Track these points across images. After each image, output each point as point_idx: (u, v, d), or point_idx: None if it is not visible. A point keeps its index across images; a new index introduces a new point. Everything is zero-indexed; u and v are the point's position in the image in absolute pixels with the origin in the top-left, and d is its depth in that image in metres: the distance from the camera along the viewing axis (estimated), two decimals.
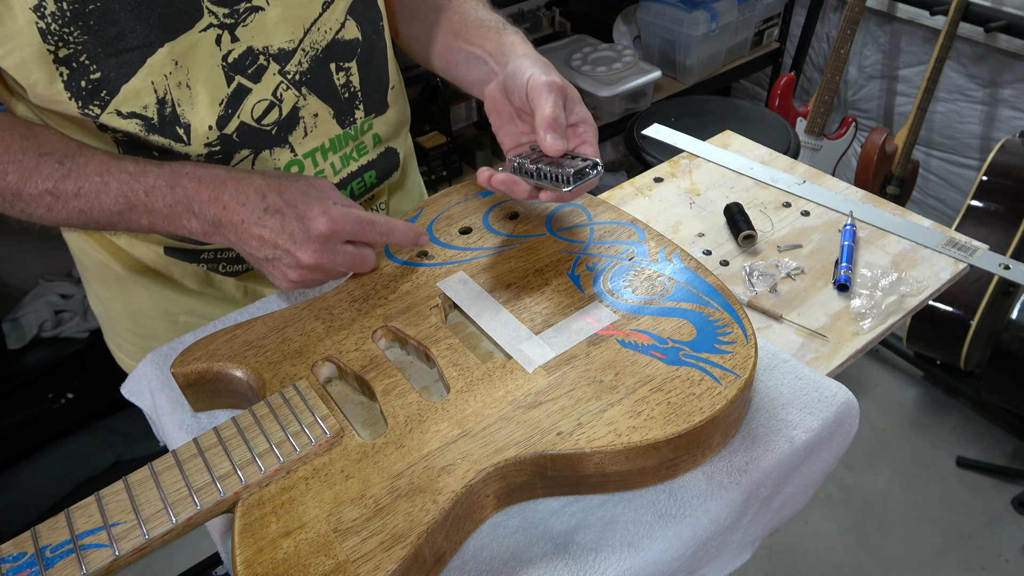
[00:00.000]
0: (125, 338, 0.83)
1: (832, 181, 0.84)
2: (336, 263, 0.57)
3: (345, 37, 0.67)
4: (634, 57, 1.89)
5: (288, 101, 0.65)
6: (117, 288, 0.78)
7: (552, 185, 0.58)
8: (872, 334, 0.65)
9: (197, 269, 0.75)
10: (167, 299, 0.77)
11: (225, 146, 0.64)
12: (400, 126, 0.79)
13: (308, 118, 0.67)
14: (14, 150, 0.56)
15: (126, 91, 0.57)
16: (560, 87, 0.59)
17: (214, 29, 0.59)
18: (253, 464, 0.48)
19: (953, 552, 1.53)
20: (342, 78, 0.68)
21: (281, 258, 0.56)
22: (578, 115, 0.61)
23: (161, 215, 0.57)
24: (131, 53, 0.56)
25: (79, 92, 0.56)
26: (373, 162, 0.75)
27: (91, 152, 0.58)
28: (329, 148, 0.70)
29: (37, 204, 0.57)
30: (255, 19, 0.61)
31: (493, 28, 0.69)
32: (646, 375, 0.52)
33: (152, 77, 0.58)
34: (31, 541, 0.43)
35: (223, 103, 0.62)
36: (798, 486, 0.57)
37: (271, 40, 0.62)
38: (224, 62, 0.61)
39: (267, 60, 0.63)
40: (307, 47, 0.64)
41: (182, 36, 0.58)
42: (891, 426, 1.79)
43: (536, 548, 0.48)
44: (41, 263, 1.70)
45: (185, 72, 0.59)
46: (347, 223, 0.56)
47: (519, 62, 0.61)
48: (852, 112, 2.14)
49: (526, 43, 0.67)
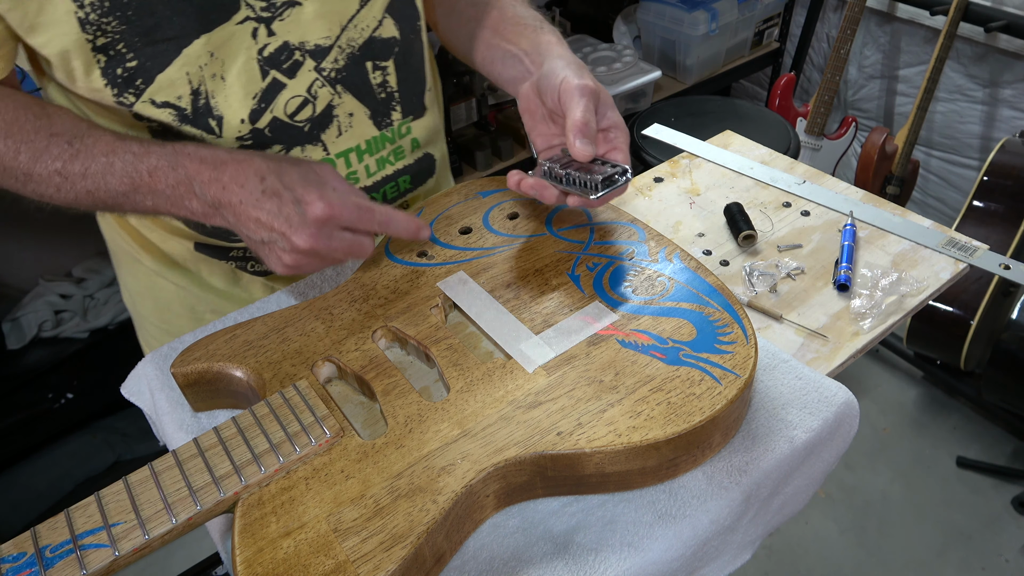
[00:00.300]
0: (152, 333, 0.83)
1: (832, 181, 0.84)
2: (332, 248, 0.55)
3: (382, 35, 0.66)
4: (634, 57, 1.89)
5: (323, 98, 0.65)
6: (146, 282, 0.79)
7: (580, 191, 0.57)
8: (872, 334, 0.65)
9: (226, 267, 0.75)
10: (194, 296, 0.78)
11: (257, 140, 0.64)
12: (437, 130, 0.78)
13: (343, 117, 0.67)
14: (27, 130, 0.57)
15: (161, 81, 0.58)
16: (593, 91, 0.58)
17: (251, 22, 0.59)
18: (253, 464, 0.48)
19: (953, 552, 1.53)
20: (378, 77, 0.68)
21: (276, 241, 0.55)
22: (610, 120, 0.60)
23: (164, 196, 0.57)
24: (167, 43, 0.57)
25: (115, 80, 0.57)
26: (409, 167, 0.74)
27: (99, 132, 0.58)
28: (365, 150, 0.70)
29: (47, 184, 0.58)
30: (292, 14, 0.61)
31: (530, 26, 0.68)
32: (646, 375, 0.52)
33: (187, 68, 0.58)
34: (31, 541, 0.43)
35: (256, 97, 0.62)
36: (798, 486, 0.57)
37: (307, 36, 0.62)
38: (259, 56, 0.61)
39: (303, 56, 0.63)
40: (343, 44, 0.64)
41: (218, 28, 0.58)
42: (891, 426, 1.79)
43: (536, 548, 0.48)
44: (41, 263, 1.70)
45: (220, 64, 0.59)
46: (345, 209, 0.55)
47: (554, 63, 0.61)
48: (852, 112, 2.14)
49: (562, 43, 0.66)
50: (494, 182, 0.72)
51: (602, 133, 0.60)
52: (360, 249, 0.58)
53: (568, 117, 0.57)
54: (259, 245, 0.57)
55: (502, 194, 0.71)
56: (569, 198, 0.59)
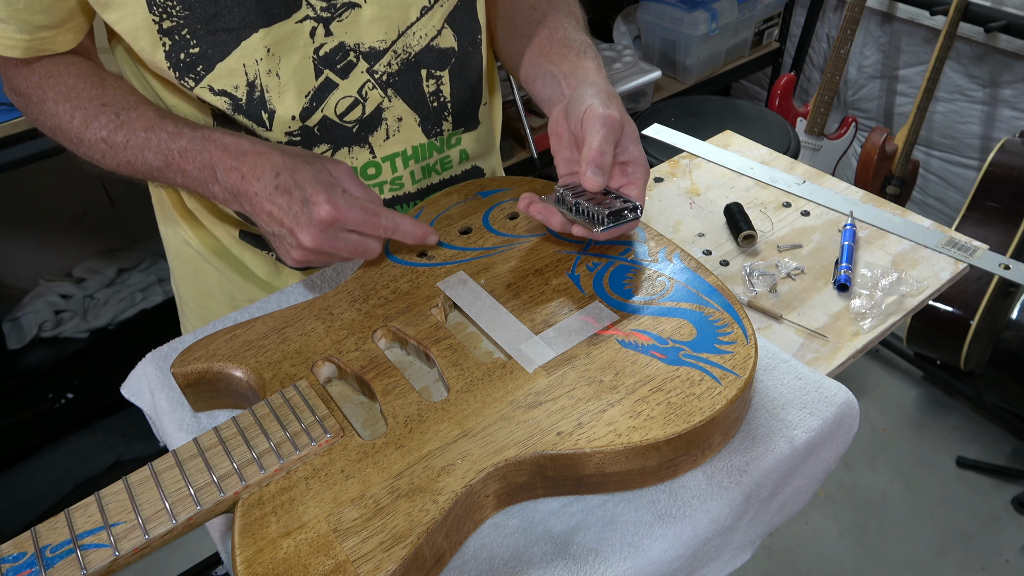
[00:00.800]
0: (189, 319, 0.85)
1: (832, 181, 0.84)
2: (337, 248, 0.57)
3: (440, 45, 0.67)
4: (634, 57, 1.89)
5: (372, 100, 0.66)
6: (192, 265, 0.80)
7: (585, 223, 0.57)
8: (872, 334, 0.65)
9: (267, 258, 0.76)
10: (235, 284, 0.79)
11: (305, 138, 0.65)
12: (490, 144, 0.78)
13: (391, 120, 0.68)
14: (83, 98, 0.62)
15: (220, 69, 0.60)
16: (616, 122, 0.57)
17: (310, 21, 0.61)
18: (253, 464, 0.48)
19: (953, 552, 1.53)
20: (432, 85, 0.68)
21: (285, 236, 0.57)
22: (630, 154, 0.59)
23: (192, 177, 0.60)
24: (227, 34, 0.59)
25: (178, 63, 0.60)
26: (456, 178, 0.74)
27: (144, 107, 0.62)
28: (411, 156, 0.70)
29: (95, 150, 0.62)
30: (350, 15, 0.62)
31: (575, 50, 0.68)
32: (646, 375, 0.52)
33: (244, 60, 0.60)
34: (31, 541, 0.43)
35: (309, 95, 0.63)
36: (798, 486, 0.57)
37: (363, 38, 0.63)
38: (315, 55, 0.62)
39: (356, 57, 0.64)
40: (399, 49, 0.65)
41: (278, 24, 0.60)
42: (891, 426, 1.79)
43: (536, 548, 0.48)
44: (41, 263, 1.70)
45: (276, 61, 0.61)
46: (350, 213, 0.56)
47: (584, 89, 0.60)
48: (852, 112, 2.14)
49: (600, 70, 0.66)
50: (494, 182, 0.73)
51: (620, 166, 0.59)
52: (365, 251, 0.59)
53: (584, 146, 0.57)
54: (271, 237, 0.59)
55: (502, 194, 0.71)
56: (574, 227, 0.59)
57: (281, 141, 0.64)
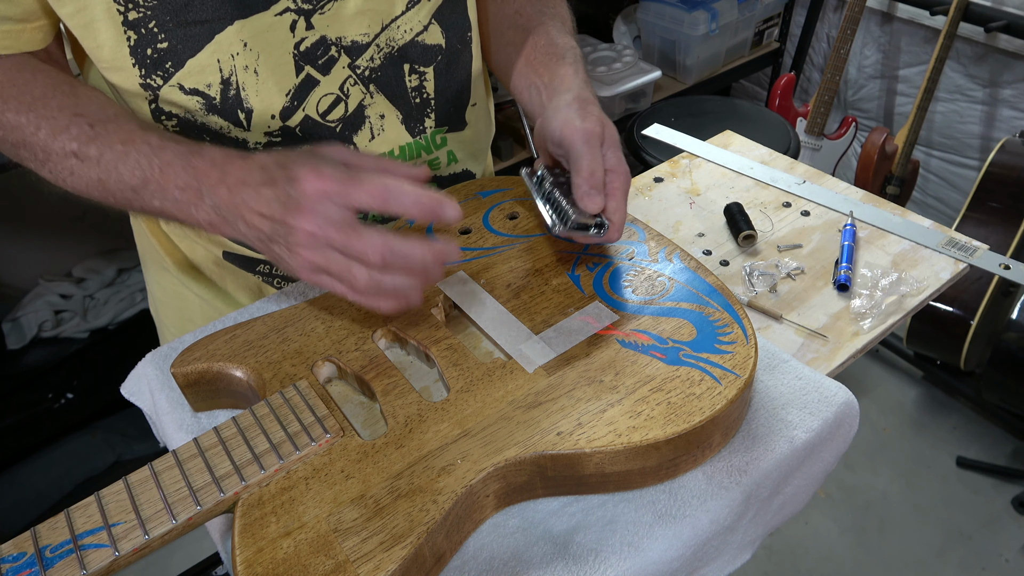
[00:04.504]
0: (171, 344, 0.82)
1: (832, 181, 0.84)
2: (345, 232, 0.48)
3: (426, 41, 0.65)
4: (634, 57, 1.89)
5: (354, 97, 0.64)
6: (171, 291, 0.77)
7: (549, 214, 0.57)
8: (872, 334, 0.65)
9: (252, 281, 0.73)
10: (216, 311, 0.76)
11: (286, 139, 0.62)
12: (481, 148, 0.76)
13: (374, 118, 0.66)
14: (52, 107, 0.55)
15: (191, 66, 0.56)
16: (595, 135, 0.56)
17: (290, 14, 0.57)
18: (253, 464, 0.48)
19: (953, 552, 1.53)
20: (414, 81, 0.66)
21: (280, 233, 0.49)
22: (608, 162, 0.58)
23: (171, 200, 0.53)
24: (199, 26, 0.55)
25: (144, 60, 0.55)
26: (445, 180, 0.73)
27: (125, 119, 0.55)
28: (398, 157, 0.68)
29: (61, 167, 0.56)
30: (333, 8, 0.59)
31: (555, 56, 0.66)
32: (646, 375, 0.52)
33: (219, 55, 0.56)
34: (31, 541, 0.43)
35: (290, 94, 0.60)
36: (798, 486, 0.57)
37: (346, 31, 0.60)
38: (296, 50, 0.59)
39: (338, 52, 0.61)
40: (382, 43, 0.62)
41: (255, 16, 0.56)
42: (891, 426, 1.79)
43: (536, 548, 0.48)
44: (41, 263, 1.70)
45: (255, 56, 0.57)
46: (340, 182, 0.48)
47: (558, 100, 0.59)
48: (852, 112, 2.14)
49: (577, 74, 0.64)
50: (494, 182, 0.72)
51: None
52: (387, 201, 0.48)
53: (573, 168, 0.56)
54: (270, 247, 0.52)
55: (502, 194, 0.71)
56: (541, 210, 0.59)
57: (260, 142, 0.61)
